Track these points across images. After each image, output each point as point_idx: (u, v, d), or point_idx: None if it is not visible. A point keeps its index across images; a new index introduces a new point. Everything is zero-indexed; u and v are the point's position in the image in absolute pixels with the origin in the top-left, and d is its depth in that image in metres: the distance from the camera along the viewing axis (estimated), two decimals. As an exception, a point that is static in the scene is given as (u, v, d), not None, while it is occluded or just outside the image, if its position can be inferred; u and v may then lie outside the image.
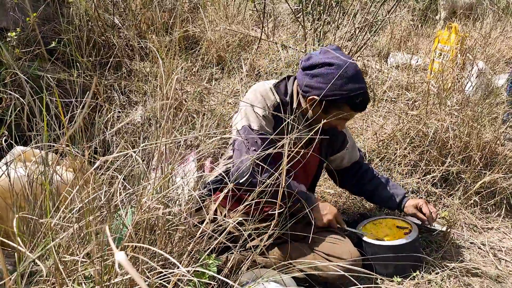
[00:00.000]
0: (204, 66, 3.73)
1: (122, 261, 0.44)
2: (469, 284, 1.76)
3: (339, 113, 1.67)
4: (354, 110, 1.68)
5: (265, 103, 1.69)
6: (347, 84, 1.61)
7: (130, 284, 0.83)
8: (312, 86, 1.65)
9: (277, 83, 1.77)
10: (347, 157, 2.01)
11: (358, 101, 1.62)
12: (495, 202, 2.38)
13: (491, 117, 2.58)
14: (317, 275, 1.66)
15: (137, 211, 0.90)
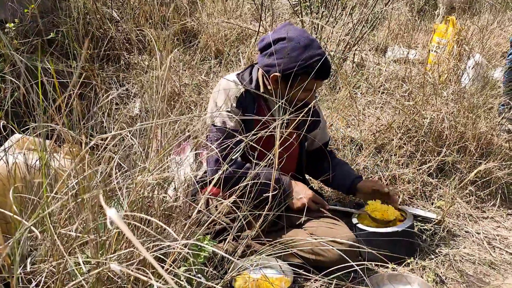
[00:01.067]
0: (203, 60, 3.74)
1: (114, 217, 0.45)
2: (462, 270, 1.78)
3: (303, 85, 1.66)
4: (315, 78, 1.67)
5: (226, 97, 1.72)
6: (302, 53, 1.64)
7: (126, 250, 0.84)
8: (271, 64, 1.68)
9: (240, 72, 1.81)
10: (319, 137, 2.02)
11: (318, 68, 1.63)
12: (490, 191, 2.40)
13: (487, 107, 2.59)
14: (315, 260, 1.67)
15: (132, 190, 0.92)
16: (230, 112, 1.71)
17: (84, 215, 0.81)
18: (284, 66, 1.66)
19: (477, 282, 1.73)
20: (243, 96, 1.75)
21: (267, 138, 1.46)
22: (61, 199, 0.82)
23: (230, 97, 1.73)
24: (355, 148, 2.60)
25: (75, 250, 0.82)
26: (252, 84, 1.78)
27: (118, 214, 0.45)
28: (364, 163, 2.51)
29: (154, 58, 3.11)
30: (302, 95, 1.71)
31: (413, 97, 2.64)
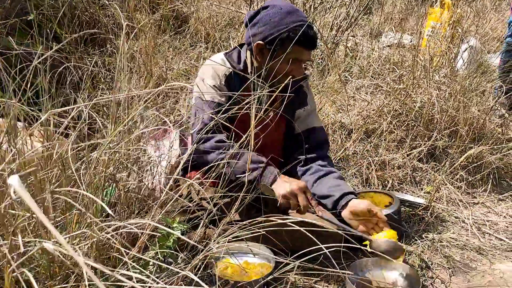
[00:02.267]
0: (193, 45, 3.67)
1: (15, 185, 0.40)
2: (449, 255, 1.74)
3: (287, 55, 1.57)
4: (300, 45, 1.58)
5: (215, 74, 1.66)
6: (284, 19, 1.58)
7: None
8: (254, 33, 1.62)
9: (228, 52, 1.74)
10: (302, 119, 1.82)
11: (300, 34, 1.55)
12: (481, 177, 2.36)
13: (479, 91, 2.53)
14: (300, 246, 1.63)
15: (90, 167, 0.87)
16: (219, 89, 1.65)
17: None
18: (266, 33, 1.60)
19: (464, 267, 1.69)
20: (231, 75, 1.69)
21: (247, 120, 1.39)
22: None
23: (218, 74, 1.67)
24: (345, 133, 2.55)
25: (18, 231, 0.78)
26: (240, 65, 1.71)
27: (20, 182, 0.40)
28: (353, 148, 2.46)
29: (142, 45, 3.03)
30: (289, 67, 1.60)
31: (404, 81, 2.57)
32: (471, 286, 1.58)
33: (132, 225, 0.82)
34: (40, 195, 0.94)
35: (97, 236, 0.78)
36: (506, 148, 2.42)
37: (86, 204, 0.92)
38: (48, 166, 0.90)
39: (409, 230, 1.90)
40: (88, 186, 0.89)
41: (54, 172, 0.98)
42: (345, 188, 1.64)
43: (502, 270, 1.66)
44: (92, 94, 1.87)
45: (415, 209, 2.03)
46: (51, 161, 0.94)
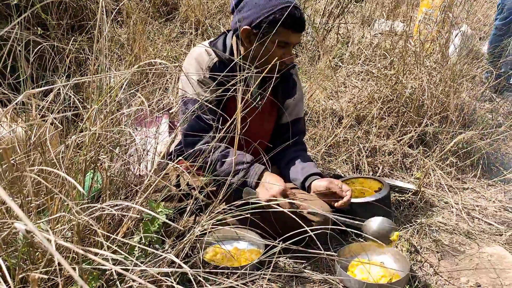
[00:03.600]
0: (183, 32, 3.62)
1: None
2: (438, 240, 1.75)
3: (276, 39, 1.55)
4: (287, 27, 1.55)
5: (199, 67, 1.61)
6: (270, 1, 1.54)
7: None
8: (239, 19, 1.58)
9: (213, 41, 1.70)
10: (290, 109, 1.84)
11: (287, 16, 1.51)
12: (471, 162, 2.36)
13: (469, 76, 2.52)
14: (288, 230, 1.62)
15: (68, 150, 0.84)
16: (203, 83, 1.62)
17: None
18: (252, 16, 1.56)
19: (452, 251, 1.70)
20: (216, 65, 1.65)
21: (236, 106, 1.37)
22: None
23: (202, 67, 1.63)
24: (336, 120, 2.53)
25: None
26: (226, 52, 1.67)
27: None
28: (344, 135, 2.44)
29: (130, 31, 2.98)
30: (278, 52, 1.57)
31: (394, 67, 2.56)
32: (459, 269, 1.58)
33: (113, 209, 0.80)
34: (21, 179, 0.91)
35: (76, 219, 0.77)
36: (496, 134, 2.42)
37: (67, 188, 0.90)
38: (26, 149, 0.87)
39: (398, 215, 1.90)
40: (68, 170, 0.86)
41: (34, 155, 0.95)
42: (309, 170, 1.71)
43: (490, 253, 1.67)
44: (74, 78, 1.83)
45: (404, 194, 2.04)
46: (30, 144, 0.91)
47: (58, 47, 2.52)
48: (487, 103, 2.82)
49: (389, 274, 1.46)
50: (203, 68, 1.63)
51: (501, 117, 2.73)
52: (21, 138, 1.09)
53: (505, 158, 2.51)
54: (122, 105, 1.06)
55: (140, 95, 0.99)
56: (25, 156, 0.92)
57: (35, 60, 1.38)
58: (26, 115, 0.91)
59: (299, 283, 1.48)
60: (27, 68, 1.16)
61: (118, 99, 0.96)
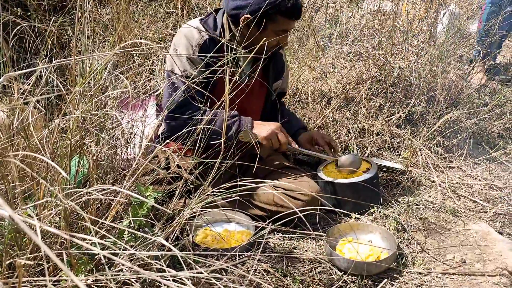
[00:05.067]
0: (169, 12, 3.54)
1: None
2: (425, 218, 1.78)
3: (275, 27, 1.59)
4: (288, 17, 1.59)
5: (188, 44, 1.61)
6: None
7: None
8: (240, 6, 1.57)
9: (204, 18, 1.68)
10: (280, 86, 1.95)
11: (290, 5, 1.54)
12: (458, 141, 2.39)
13: (457, 56, 2.53)
14: (277, 211, 1.63)
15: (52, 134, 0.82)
16: (192, 61, 1.60)
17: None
18: (253, 6, 1.54)
19: (439, 228, 1.73)
20: (206, 43, 1.63)
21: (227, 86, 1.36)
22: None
23: (191, 44, 1.61)
24: (324, 101, 2.53)
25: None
26: (217, 31, 1.65)
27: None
28: (333, 116, 2.45)
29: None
30: (277, 38, 1.61)
31: (383, 47, 2.55)
32: (445, 246, 1.62)
33: (100, 193, 0.79)
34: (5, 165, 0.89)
35: (62, 204, 0.75)
36: (482, 113, 2.45)
37: (53, 174, 0.88)
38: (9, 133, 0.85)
39: (386, 195, 1.93)
40: (53, 155, 0.85)
41: (18, 140, 0.93)
42: (295, 125, 1.97)
43: (475, 230, 1.71)
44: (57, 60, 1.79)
45: (392, 174, 2.06)
46: (13, 129, 0.89)
47: (40, 29, 2.45)
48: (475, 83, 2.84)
49: (376, 252, 1.49)
50: (193, 45, 1.61)
51: (487, 97, 2.76)
52: (3, 122, 1.06)
53: (491, 137, 2.55)
54: (106, 87, 1.04)
55: (124, 78, 0.97)
56: (8, 141, 0.90)
57: (16, 42, 1.34)
58: (7, 99, 0.89)
59: (289, 263, 1.49)
60: (7, 50, 1.12)
61: (103, 81, 0.94)
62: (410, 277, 1.45)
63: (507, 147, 2.45)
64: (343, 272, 1.43)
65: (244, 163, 1.60)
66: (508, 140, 2.54)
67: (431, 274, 1.46)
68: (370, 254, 1.48)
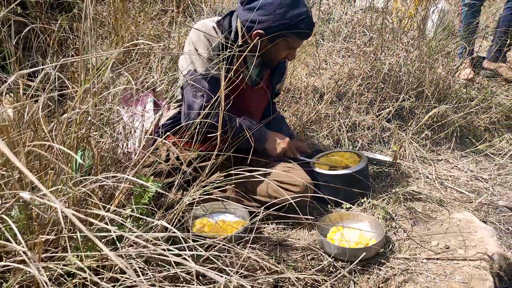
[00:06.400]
0: (164, 10, 3.59)
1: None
2: (412, 208, 1.86)
3: (286, 44, 1.66)
4: (300, 37, 1.67)
5: (208, 44, 1.65)
6: (288, 12, 1.59)
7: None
8: (254, 20, 1.62)
9: (220, 20, 1.73)
10: (279, 86, 2.03)
11: (303, 27, 1.61)
12: (445, 135, 2.48)
13: (445, 52, 2.61)
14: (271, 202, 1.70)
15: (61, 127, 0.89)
16: (212, 61, 1.65)
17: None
18: (269, 24, 1.60)
19: (425, 217, 1.82)
20: (223, 45, 1.69)
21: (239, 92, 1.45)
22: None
23: (211, 44, 1.66)
24: (317, 96, 2.60)
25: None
26: (232, 35, 1.71)
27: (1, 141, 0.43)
28: (325, 111, 2.52)
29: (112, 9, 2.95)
30: (284, 53, 1.71)
31: (373, 44, 2.62)
32: (430, 233, 1.71)
33: (107, 180, 0.86)
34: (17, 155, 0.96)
35: (73, 191, 0.82)
36: (469, 107, 2.53)
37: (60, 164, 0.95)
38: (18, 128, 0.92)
39: (375, 186, 2.01)
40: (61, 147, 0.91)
41: (26, 134, 1.00)
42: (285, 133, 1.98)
43: (459, 219, 1.80)
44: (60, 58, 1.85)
45: (382, 166, 2.14)
46: (22, 123, 0.95)
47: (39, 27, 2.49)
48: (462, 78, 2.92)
49: (365, 239, 1.57)
50: (213, 46, 1.66)
51: (474, 91, 2.85)
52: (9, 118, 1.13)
53: (477, 130, 2.64)
54: (109, 84, 1.10)
55: (127, 74, 1.03)
56: (18, 134, 0.96)
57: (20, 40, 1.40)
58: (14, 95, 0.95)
59: (283, 250, 1.57)
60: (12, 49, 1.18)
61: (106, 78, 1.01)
62: (396, 262, 1.53)
63: (493, 140, 2.54)
64: (333, 258, 1.51)
65: (239, 155, 1.67)
66: (494, 134, 2.63)
67: (416, 260, 1.55)
68: (359, 241, 1.56)
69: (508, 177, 2.26)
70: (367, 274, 1.47)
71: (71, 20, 2.95)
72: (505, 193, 2.14)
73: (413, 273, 1.48)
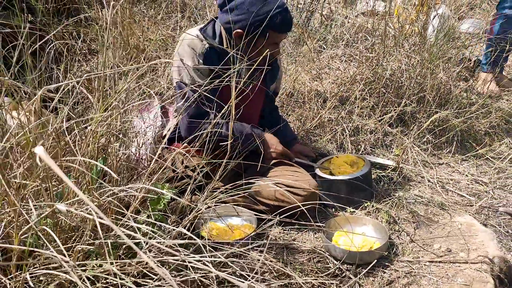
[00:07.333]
0: (168, 14, 3.64)
1: (41, 153, 0.48)
2: (414, 211, 1.91)
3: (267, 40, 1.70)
4: (279, 31, 1.71)
5: (193, 53, 1.71)
6: (262, 7, 1.65)
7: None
8: (232, 21, 1.68)
9: (203, 27, 1.79)
10: (274, 86, 2.07)
11: (278, 21, 1.66)
12: (446, 139, 2.53)
13: (446, 57, 2.66)
14: (278, 206, 1.75)
15: (85, 138, 0.94)
16: (198, 69, 1.71)
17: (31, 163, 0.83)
18: (245, 22, 1.66)
19: (427, 221, 1.87)
20: (208, 52, 1.75)
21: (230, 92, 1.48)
22: (8, 149, 0.84)
23: (196, 53, 1.72)
24: (320, 101, 2.65)
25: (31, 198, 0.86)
26: (216, 40, 1.77)
27: (45, 151, 0.48)
28: (328, 116, 2.57)
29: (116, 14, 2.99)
30: (266, 49, 1.72)
31: (375, 49, 2.68)
32: (433, 237, 1.76)
33: (132, 189, 0.91)
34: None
35: (97, 200, 0.87)
36: (469, 112, 2.58)
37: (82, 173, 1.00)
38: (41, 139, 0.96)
39: (378, 190, 2.06)
40: (83, 156, 0.96)
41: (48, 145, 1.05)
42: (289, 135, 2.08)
43: (460, 222, 1.85)
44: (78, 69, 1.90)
45: (385, 170, 2.19)
46: (46, 134, 1.00)
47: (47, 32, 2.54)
48: (462, 82, 2.98)
49: (370, 242, 1.62)
50: (197, 53, 1.72)
51: (474, 96, 2.90)
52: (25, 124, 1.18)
53: (477, 134, 2.69)
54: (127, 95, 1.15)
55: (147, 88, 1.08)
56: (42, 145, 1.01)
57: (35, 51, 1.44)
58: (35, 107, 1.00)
59: (289, 253, 1.62)
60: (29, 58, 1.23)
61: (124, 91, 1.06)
62: (400, 265, 1.58)
63: (493, 144, 2.59)
64: (339, 261, 1.56)
65: (247, 162, 1.72)
66: (494, 138, 2.68)
67: (420, 262, 1.60)
68: (363, 244, 1.61)
69: (508, 180, 2.31)
70: (372, 276, 1.52)
71: (77, 26, 3.00)
72: (505, 197, 2.19)
73: (416, 276, 1.53)
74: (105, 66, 1.02)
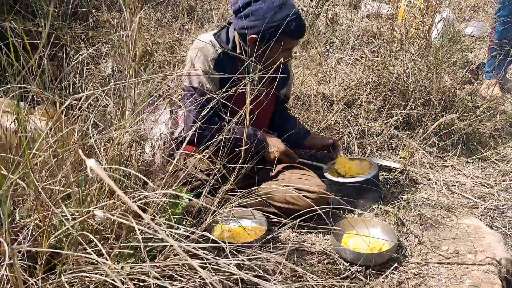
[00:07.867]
0: (175, 17, 3.68)
1: (93, 166, 0.52)
2: (422, 213, 1.95)
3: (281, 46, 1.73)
4: (292, 38, 1.75)
5: (204, 59, 1.75)
6: (277, 14, 1.69)
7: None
8: (247, 26, 1.71)
9: (217, 33, 1.83)
10: (285, 91, 2.11)
11: (293, 28, 1.70)
12: (452, 142, 2.56)
13: (451, 61, 2.70)
14: (288, 208, 1.79)
15: (110, 147, 0.97)
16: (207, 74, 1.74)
17: (65, 170, 0.86)
18: (260, 28, 1.70)
19: (434, 223, 1.90)
20: (220, 57, 1.78)
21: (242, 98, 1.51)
22: (42, 155, 0.87)
23: (207, 58, 1.76)
24: (327, 104, 2.69)
25: (59, 203, 0.89)
26: (229, 45, 1.80)
27: (97, 164, 0.52)
28: (335, 118, 2.60)
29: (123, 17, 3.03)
30: (281, 55, 1.76)
31: (381, 53, 2.71)
32: (440, 239, 1.79)
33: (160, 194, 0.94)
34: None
35: (127, 205, 0.91)
36: (474, 115, 2.62)
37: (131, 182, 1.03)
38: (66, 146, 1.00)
39: (386, 192, 2.09)
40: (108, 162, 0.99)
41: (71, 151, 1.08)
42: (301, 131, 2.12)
43: (467, 224, 1.88)
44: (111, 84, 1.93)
45: (391, 173, 2.23)
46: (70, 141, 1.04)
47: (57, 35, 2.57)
48: (466, 85, 3.01)
49: (379, 244, 1.66)
50: (209, 59, 1.75)
51: (479, 99, 2.93)
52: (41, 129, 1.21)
53: (482, 137, 2.72)
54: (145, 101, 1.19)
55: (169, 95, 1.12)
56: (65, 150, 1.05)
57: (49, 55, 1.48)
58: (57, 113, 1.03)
59: (299, 255, 1.66)
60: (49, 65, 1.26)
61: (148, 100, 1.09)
62: (409, 267, 1.62)
63: (497, 147, 2.62)
64: (349, 263, 1.59)
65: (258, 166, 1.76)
66: (498, 140, 2.72)
67: (428, 264, 1.63)
68: (373, 246, 1.64)
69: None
70: (381, 278, 1.56)
71: (85, 29, 3.04)
72: (510, 199, 2.22)
73: (425, 277, 1.56)
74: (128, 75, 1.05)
